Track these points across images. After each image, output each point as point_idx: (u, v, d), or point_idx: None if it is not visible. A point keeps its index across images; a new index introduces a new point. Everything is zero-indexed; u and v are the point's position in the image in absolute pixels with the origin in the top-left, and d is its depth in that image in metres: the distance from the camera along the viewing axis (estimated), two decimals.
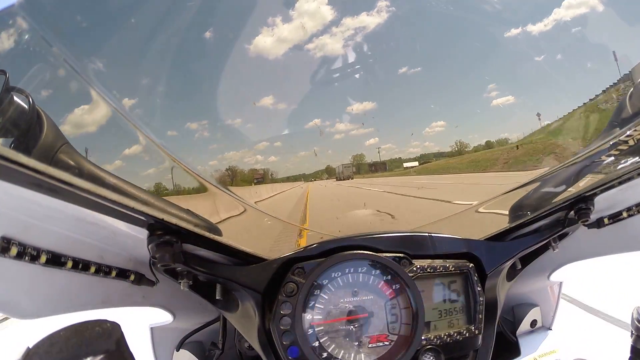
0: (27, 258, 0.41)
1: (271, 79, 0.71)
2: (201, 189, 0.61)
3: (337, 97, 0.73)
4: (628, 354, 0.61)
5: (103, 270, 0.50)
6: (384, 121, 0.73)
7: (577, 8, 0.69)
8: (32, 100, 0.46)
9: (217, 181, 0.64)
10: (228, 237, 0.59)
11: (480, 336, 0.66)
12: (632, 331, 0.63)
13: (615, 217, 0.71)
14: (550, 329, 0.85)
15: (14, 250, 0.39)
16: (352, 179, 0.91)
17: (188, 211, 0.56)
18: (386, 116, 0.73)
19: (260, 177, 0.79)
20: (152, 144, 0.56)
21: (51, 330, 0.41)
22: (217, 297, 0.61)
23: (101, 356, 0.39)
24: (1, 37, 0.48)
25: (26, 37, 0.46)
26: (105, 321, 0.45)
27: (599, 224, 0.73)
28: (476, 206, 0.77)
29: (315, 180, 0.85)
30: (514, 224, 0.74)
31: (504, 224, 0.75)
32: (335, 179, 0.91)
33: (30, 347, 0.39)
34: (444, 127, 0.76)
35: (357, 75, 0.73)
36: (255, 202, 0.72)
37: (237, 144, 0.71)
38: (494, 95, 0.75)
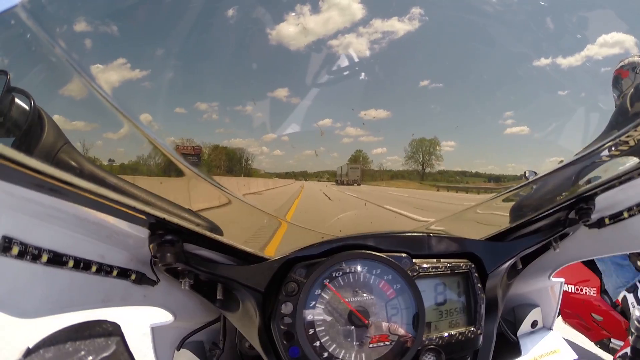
0: (28, 257, 0.41)
1: (289, 70, 0.67)
2: (179, 174, 0.58)
3: (353, 99, 0.70)
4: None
5: (104, 269, 0.50)
6: (395, 132, 0.71)
7: (610, 47, 0.66)
8: (33, 100, 0.46)
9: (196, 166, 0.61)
10: (229, 237, 0.59)
11: (481, 336, 0.66)
12: (632, 331, 0.63)
13: (616, 217, 0.71)
14: (551, 329, 0.85)
15: (15, 250, 0.39)
16: (358, 184, 0.79)
17: (189, 210, 0.56)
18: (398, 127, 0.71)
19: (192, 154, 0.63)
20: (153, 144, 0.56)
21: (51, 330, 0.41)
22: (218, 297, 0.61)
23: (101, 356, 0.39)
24: (3, 37, 0.48)
25: (28, 37, 0.46)
26: (105, 321, 0.45)
27: (599, 224, 0.73)
28: (477, 206, 0.77)
29: (307, 180, 0.77)
30: (514, 224, 0.74)
31: (504, 224, 0.75)
32: (335, 183, 0.79)
33: (30, 347, 0.39)
34: (453, 147, 0.74)
35: (376, 81, 0.70)
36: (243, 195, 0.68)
37: (244, 132, 0.68)
38: (510, 124, 0.72)
